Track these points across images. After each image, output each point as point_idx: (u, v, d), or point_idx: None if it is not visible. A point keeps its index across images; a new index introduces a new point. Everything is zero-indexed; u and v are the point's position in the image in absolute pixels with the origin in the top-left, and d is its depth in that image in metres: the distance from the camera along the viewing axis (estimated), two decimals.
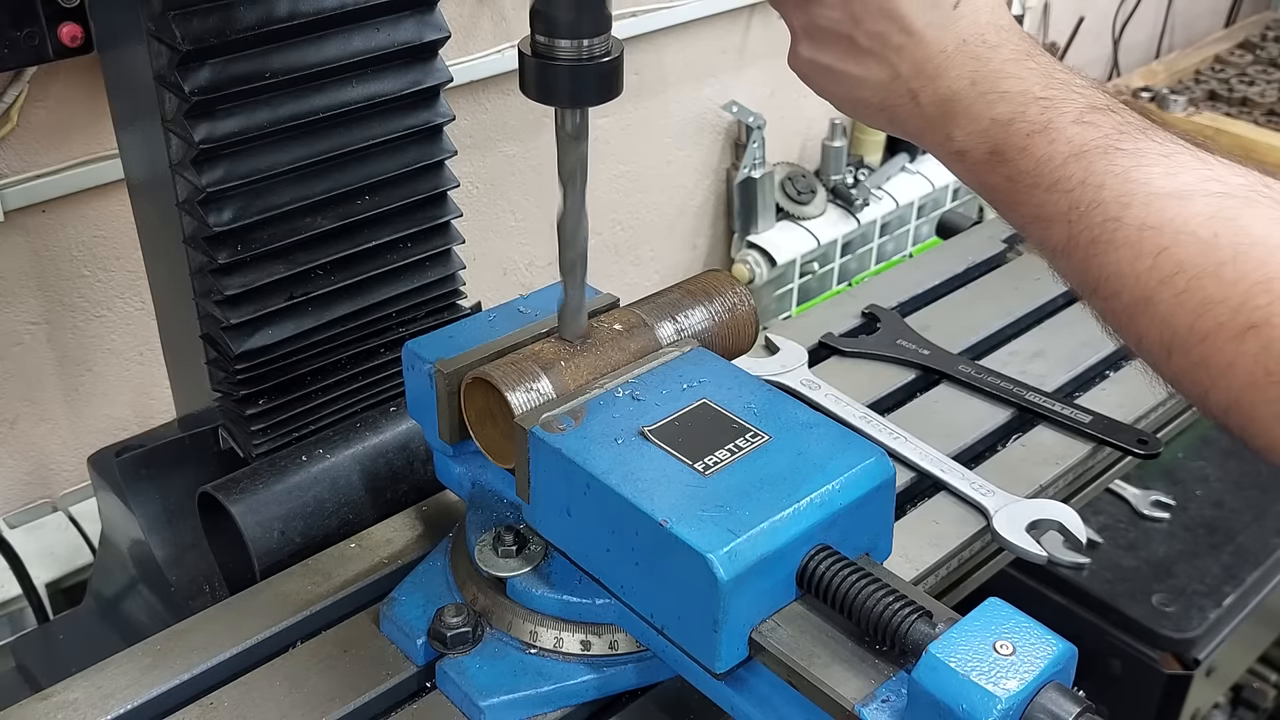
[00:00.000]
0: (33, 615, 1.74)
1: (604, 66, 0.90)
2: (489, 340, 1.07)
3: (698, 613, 0.85)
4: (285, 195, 1.19)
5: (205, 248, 1.16)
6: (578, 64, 0.89)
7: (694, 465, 0.90)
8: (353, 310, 1.27)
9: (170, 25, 1.07)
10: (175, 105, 1.12)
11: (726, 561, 0.82)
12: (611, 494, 0.88)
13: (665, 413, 0.95)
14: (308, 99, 1.16)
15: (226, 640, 1.05)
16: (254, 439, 1.26)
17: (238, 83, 1.11)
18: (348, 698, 1.00)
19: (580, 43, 0.89)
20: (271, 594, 1.11)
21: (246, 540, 1.15)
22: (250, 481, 1.18)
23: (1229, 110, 3.22)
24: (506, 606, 1.01)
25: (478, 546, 1.01)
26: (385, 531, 1.19)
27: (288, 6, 1.12)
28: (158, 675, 1.02)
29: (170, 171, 1.17)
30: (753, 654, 0.86)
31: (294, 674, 1.03)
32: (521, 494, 0.97)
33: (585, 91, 0.92)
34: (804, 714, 0.85)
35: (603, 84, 0.91)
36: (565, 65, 0.89)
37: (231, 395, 1.24)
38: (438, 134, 1.27)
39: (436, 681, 1.01)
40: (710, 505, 0.86)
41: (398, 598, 1.06)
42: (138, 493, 1.29)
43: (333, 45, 1.16)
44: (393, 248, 1.28)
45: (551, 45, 0.89)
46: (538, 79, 0.91)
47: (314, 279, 1.23)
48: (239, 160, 1.14)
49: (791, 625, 0.86)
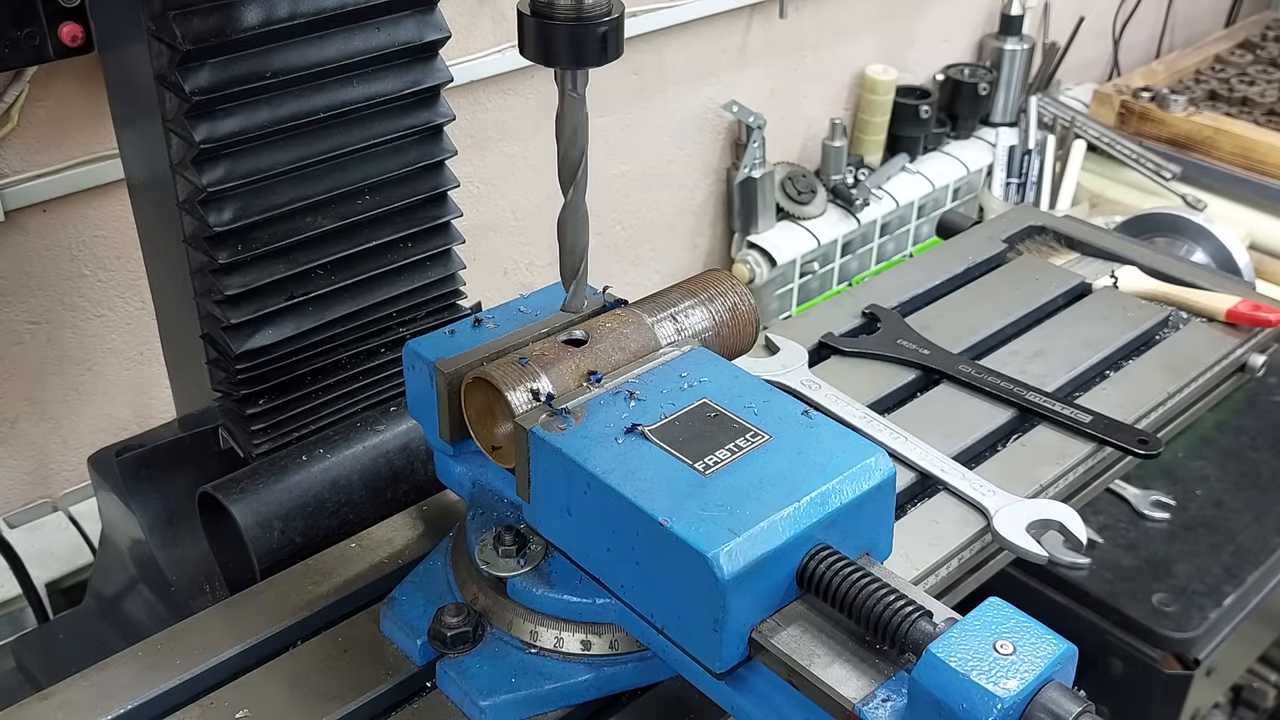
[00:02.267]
0: (33, 615, 1.74)
1: (605, 25, 0.90)
2: (489, 340, 1.07)
3: (698, 612, 0.85)
4: (285, 195, 1.18)
5: (205, 248, 1.16)
6: (578, 23, 0.89)
7: (694, 465, 0.90)
8: (353, 310, 1.27)
9: (170, 25, 1.07)
10: (175, 105, 1.12)
11: (726, 560, 0.82)
12: (612, 493, 0.88)
13: (665, 412, 0.95)
14: (308, 99, 1.16)
15: (226, 640, 1.05)
16: (254, 439, 1.26)
17: (238, 83, 1.11)
18: (348, 698, 0.99)
19: (581, 1, 0.89)
20: (271, 594, 1.11)
21: (246, 540, 1.15)
22: (250, 481, 1.18)
23: (1229, 110, 3.22)
24: (507, 606, 1.01)
25: (478, 546, 1.01)
26: (385, 531, 1.19)
27: (288, 6, 1.12)
28: (158, 675, 1.02)
29: (170, 171, 1.17)
30: (753, 653, 0.86)
31: (294, 674, 1.03)
32: (521, 494, 0.97)
33: (586, 52, 0.91)
34: (805, 713, 0.85)
35: (603, 43, 0.90)
36: (565, 25, 0.89)
37: (231, 395, 1.24)
38: (438, 134, 1.27)
39: (437, 681, 1.01)
40: (710, 505, 0.86)
41: (398, 598, 1.06)
42: (138, 493, 1.29)
43: (333, 45, 1.16)
44: (393, 248, 1.28)
45: (551, 4, 0.89)
46: (537, 39, 0.91)
47: (314, 279, 1.23)
48: (239, 160, 1.14)
49: (792, 625, 0.86)
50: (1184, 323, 1.56)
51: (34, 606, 1.74)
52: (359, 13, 1.17)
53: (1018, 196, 3.29)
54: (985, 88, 3.20)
